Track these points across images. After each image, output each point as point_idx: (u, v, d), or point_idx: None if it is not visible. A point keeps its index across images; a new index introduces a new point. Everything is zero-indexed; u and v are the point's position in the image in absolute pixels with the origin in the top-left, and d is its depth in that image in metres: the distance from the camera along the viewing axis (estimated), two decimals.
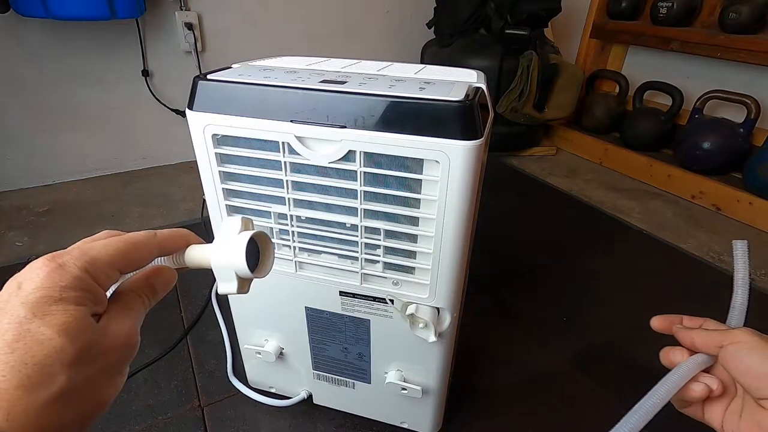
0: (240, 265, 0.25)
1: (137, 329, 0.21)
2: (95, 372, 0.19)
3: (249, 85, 0.40)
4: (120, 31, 1.20)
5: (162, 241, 0.24)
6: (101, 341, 0.19)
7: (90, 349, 0.19)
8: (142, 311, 0.23)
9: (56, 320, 0.18)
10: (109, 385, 0.20)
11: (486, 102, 0.42)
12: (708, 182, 1.27)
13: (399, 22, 1.60)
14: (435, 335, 0.46)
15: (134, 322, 0.21)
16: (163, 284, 0.25)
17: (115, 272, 0.21)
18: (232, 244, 0.25)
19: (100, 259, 0.20)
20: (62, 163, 1.28)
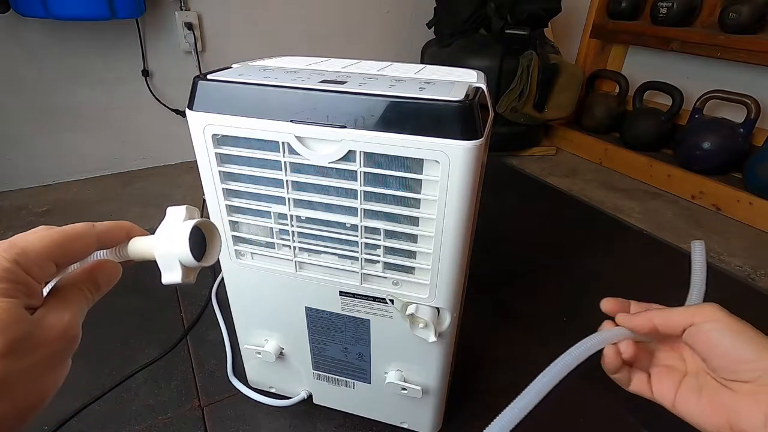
0: (183, 253, 0.24)
1: (77, 322, 0.21)
2: (31, 364, 0.19)
3: (249, 85, 0.40)
4: (120, 31, 1.20)
5: (101, 232, 0.24)
6: (36, 333, 0.19)
7: (23, 341, 0.18)
8: (84, 305, 0.22)
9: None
10: (48, 377, 0.20)
11: (486, 102, 0.42)
12: (708, 182, 1.27)
13: (399, 22, 1.60)
14: (435, 335, 0.46)
15: (73, 314, 0.21)
16: (107, 278, 0.24)
17: (49, 264, 0.21)
18: (174, 233, 0.25)
19: (32, 250, 0.20)
20: (62, 163, 1.28)
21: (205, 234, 0.27)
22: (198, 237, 0.26)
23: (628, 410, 0.64)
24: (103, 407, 0.63)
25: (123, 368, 0.68)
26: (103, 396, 0.64)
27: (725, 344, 0.28)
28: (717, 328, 0.29)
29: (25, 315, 0.19)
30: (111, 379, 0.66)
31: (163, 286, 0.26)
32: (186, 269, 0.25)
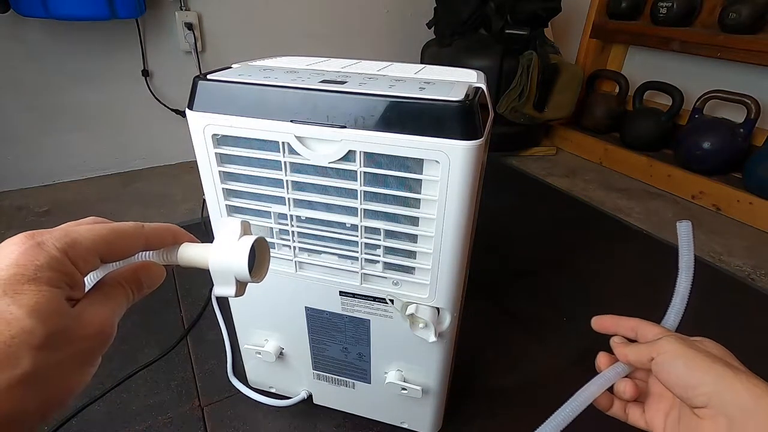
0: (242, 271, 0.25)
1: (114, 320, 0.20)
2: (64, 358, 0.18)
3: (249, 85, 0.40)
4: (120, 31, 1.20)
5: (149, 233, 0.23)
6: (74, 327, 0.18)
7: (61, 333, 0.18)
8: (124, 303, 0.22)
9: (27, 300, 0.17)
10: (78, 373, 0.19)
11: (486, 102, 0.42)
12: (708, 182, 1.27)
13: (399, 22, 1.60)
14: (435, 335, 0.46)
15: (112, 312, 0.21)
16: (150, 280, 0.24)
17: (95, 258, 0.20)
18: (235, 249, 0.25)
19: (82, 243, 0.20)
20: (62, 163, 1.28)
21: (257, 250, 0.27)
22: (251, 253, 0.26)
23: None
24: (103, 407, 0.63)
25: (123, 368, 0.68)
26: (103, 396, 0.64)
27: (677, 373, 0.29)
28: (668, 360, 0.30)
29: (65, 307, 0.18)
30: (111, 379, 0.66)
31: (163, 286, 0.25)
32: (240, 284, 0.26)
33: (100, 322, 0.19)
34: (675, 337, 0.32)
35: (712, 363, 0.28)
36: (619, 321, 0.38)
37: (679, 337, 0.31)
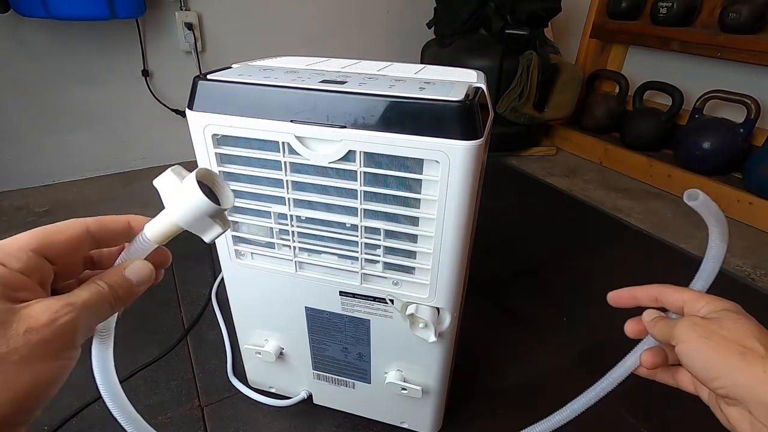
0: (208, 206, 0.24)
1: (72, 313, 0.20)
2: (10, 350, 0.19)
3: (249, 85, 0.40)
4: (120, 31, 1.20)
5: (89, 221, 0.24)
6: (10, 320, 0.19)
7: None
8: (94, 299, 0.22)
9: None
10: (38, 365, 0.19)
11: (486, 102, 0.42)
12: (708, 182, 1.27)
13: (399, 22, 1.60)
14: (435, 335, 0.46)
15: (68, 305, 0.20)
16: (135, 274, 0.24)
17: (28, 254, 0.21)
18: (187, 194, 0.24)
19: (10, 245, 0.21)
20: (62, 163, 1.28)
21: (206, 181, 0.26)
22: (204, 188, 0.25)
23: (628, 410, 0.64)
24: (103, 407, 0.62)
25: (123, 368, 0.68)
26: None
27: (694, 366, 0.29)
28: (685, 351, 0.30)
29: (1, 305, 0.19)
30: None
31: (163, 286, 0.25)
32: (219, 219, 0.25)
33: (47, 315, 0.20)
34: (690, 323, 0.30)
35: (727, 355, 0.28)
36: (637, 291, 0.36)
37: (694, 323, 0.30)
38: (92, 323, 0.23)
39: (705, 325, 0.30)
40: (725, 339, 0.28)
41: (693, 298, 0.33)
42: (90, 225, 0.24)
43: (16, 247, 0.21)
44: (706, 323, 0.30)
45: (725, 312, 0.30)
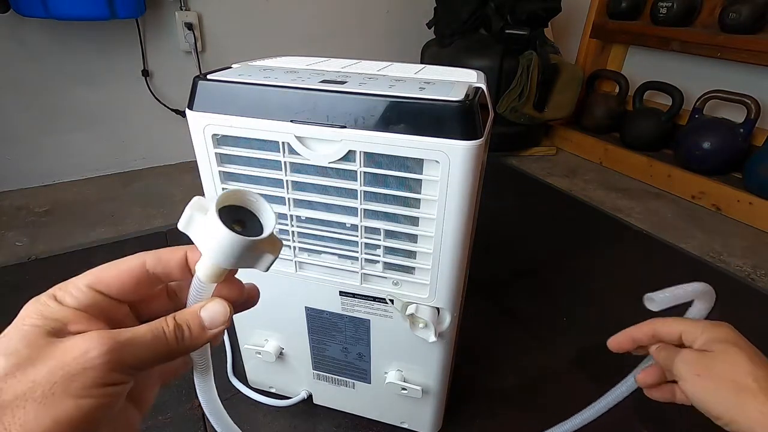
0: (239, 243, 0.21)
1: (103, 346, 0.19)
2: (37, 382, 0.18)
3: (249, 85, 0.40)
4: (120, 31, 1.20)
5: (148, 254, 0.23)
6: (46, 353, 0.18)
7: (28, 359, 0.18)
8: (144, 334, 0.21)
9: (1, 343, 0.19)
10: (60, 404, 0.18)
11: (486, 102, 0.42)
12: (708, 182, 1.27)
13: (399, 22, 1.60)
14: (435, 335, 0.46)
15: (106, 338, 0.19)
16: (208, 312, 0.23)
17: (83, 290, 0.21)
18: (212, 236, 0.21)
19: (65, 283, 0.21)
20: (62, 163, 1.28)
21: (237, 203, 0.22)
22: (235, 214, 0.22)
23: (628, 410, 0.64)
24: None
25: None
26: None
27: (697, 404, 0.31)
28: (685, 389, 0.31)
29: (39, 339, 0.19)
30: None
31: None
32: (265, 246, 0.22)
33: (81, 348, 0.19)
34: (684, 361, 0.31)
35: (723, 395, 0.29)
36: (633, 333, 0.37)
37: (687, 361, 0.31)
38: (139, 362, 0.20)
39: (699, 362, 0.31)
40: (719, 377, 0.29)
41: (688, 329, 0.33)
42: (147, 258, 0.23)
43: (72, 285, 0.21)
44: (700, 359, 0.31)
45: (719, 344, 0.31)
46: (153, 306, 0.24)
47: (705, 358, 0.31)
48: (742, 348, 0.31)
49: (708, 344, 0.31)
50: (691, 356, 0.32)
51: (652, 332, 0.35)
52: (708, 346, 0.31)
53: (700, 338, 0.32)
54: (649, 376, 0.36)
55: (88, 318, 0.20)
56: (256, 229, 0.22)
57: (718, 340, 0.31)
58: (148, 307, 0.24)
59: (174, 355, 0.22)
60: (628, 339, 0.37)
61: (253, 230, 0.22)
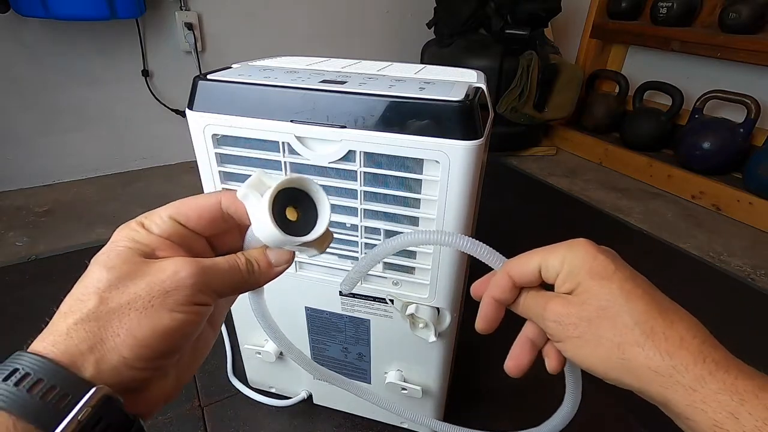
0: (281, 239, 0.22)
1: (190, 270, 0.22)
2: (134, 296, 0.20)
3: (249, 85, 0.40)
4: (120, 31, 1.20)
5: (223, 194, 0.25)
6: (141, 271, 0.21)
7: (126, 275, 0.21)
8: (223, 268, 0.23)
9: (101, 259, 0.21)
10: (158, 315, 0.21)
11: (486, 102, 0.42)
12: (708, 182, 1.27)
13: (399, 22, 1.60)
14: (435, 335, 0.46)
15: (192, 265, 0.22)
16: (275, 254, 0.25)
17: (164, 219, 0.24)
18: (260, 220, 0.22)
19: (151, 214, 0.24)
20: (62, 163, 1.28)
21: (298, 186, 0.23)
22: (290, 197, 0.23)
23: (628, 410, 0.64)
24: None
25: None
26: None
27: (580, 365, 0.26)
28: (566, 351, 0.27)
29: (134, 258, 0.21)
30: None
31: None
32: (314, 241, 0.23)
33: (172, 269, 0.21)
34: (555, 319, 0.25)
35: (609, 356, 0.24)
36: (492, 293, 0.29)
37: (558, 317, 0.25)
38: (220, 287, 0.23)
39: (572, 318, 0.25)
40: (600, 337, 0.24)
41: (545, 261, 0.27)
42: (223, 197, 0.25)
43: (157, 215, 0.24)
44: (572, 313, 0.25)
45: (588, 282, 0.25)
46: (227, 240, 0.27)
47: (578, 310, 0.25)
48: (615, 281, 0.25)
49: (573, 281, 0.25)
50: (560, 310, 0.25)
51: (510, 281, 0.28)
52: (575, 285, 0.25)
53: (563, 272, 0.26)
54: (522, 355, 0.30)
55: (171, 245, 0.23)
56: (311, 218, 0.24)
57: (585, 272, 0.25)
58: (222, 240, 0.26)
59: (246, 285, 0.25)
60: (491, 305, 0.29)
61: (308, 219, 0.24)
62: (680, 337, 0.22)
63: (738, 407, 0.20)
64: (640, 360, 0.23)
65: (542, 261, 0.27)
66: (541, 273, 0.27)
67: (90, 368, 0.19)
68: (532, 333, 0.30)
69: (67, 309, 0.20)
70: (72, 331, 0.19)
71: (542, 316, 0.26)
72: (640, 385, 0.23)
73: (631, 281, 0.25)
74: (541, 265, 0.27)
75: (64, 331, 0.19)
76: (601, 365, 0.24)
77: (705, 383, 0.21)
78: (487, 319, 0.29)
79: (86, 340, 0.19)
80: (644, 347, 0.23)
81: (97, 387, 0.19)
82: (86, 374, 0.19)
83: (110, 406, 0.19)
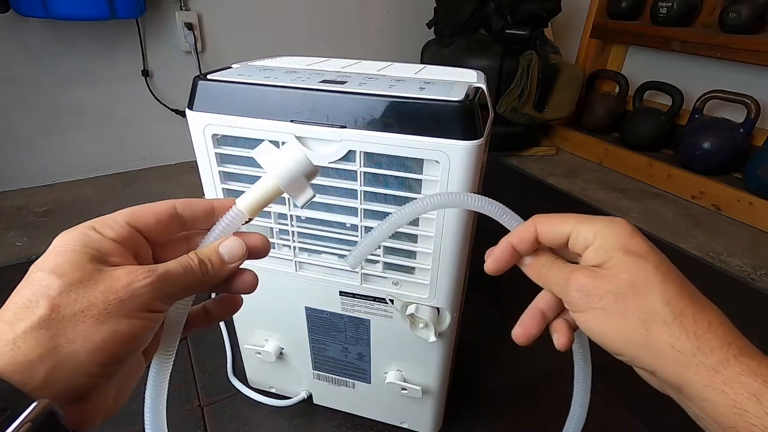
0: (308, 166, 0.25)
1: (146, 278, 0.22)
2: (88, 304, 0.20)
3: (249, 85, 0.40)
4: (120, 31, 1.20)
5: (177, 201, 0.26)
6: (95, 278, 0.21)
7: (78, 282, 0.20)
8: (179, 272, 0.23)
9: (49, 265, 0.21)
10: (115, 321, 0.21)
11: (486, 102, 0.42)
12: (708, 182, 1.27)
13: (399, 22, 1.60)
14: (435, 335, 0.46)
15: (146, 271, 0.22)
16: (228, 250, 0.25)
17: (120, 224, 0.24)
18: (287, 153, 0.25)
19: (105, 217, 0.24)
20: (62, 163, 1.28)
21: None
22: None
23: (628, 410, 0.64)
24: None
25: None
26: None
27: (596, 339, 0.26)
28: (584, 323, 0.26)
29: (86, 265, 0.21)
30: None
31: None
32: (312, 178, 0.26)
33: (127, 278, 0.21)
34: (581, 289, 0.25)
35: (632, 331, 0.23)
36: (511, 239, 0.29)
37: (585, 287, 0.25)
38: (175, 292, 0.23)
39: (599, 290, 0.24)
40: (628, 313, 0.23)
41: (579, 230, 0.26)
42: (177, 204, 0.26)
43: (111, 220, 0.24)
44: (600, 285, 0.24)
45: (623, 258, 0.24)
46: (171, 252, 0.27)
47: (606, 283, 0.24)
48: (651, 261, 0.24)
49: (605, 255, 0.24)
50: (587, 281, 0.25)
51: (534, 234, 0.28)
52: (606, 259, 0.24)
53: (594, 244, 0.25)
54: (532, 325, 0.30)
55: (123, 252, 0.23)
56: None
57: (619, 248, 0.24)
58: (166, 252, 0.26)
59: (202, 286, 0.24)
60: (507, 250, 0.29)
61: None
62: (708, 322, 0.22)
63: (761, 388, 0.20)
64: (664, 338, 0.22)
65: (573, 229, 0.26)
66: (569, 240, 0.26)
67: (38, 378, 0.19)
68: (545, 304, 0.30)
69: (12, 317, 0.19)
70: (20, 340, 0.19)
71: (566, 286, 0.26)
72: (656, 363, 0.23)
73: (666, 264, 0.24)
74: (571, 233, 0.26)
75: (10, 341, 0.19)
76: (620, 340, 0.24)
77: (728, 365, 0.21)
78: (498, 260, 0.30)
79: (36, 348, 0.19)
80: (671, 326, 0.22)
81: (38, 401, 0.18)
82: (33, 384, 0.19)
83: (50, 421, 0.18)
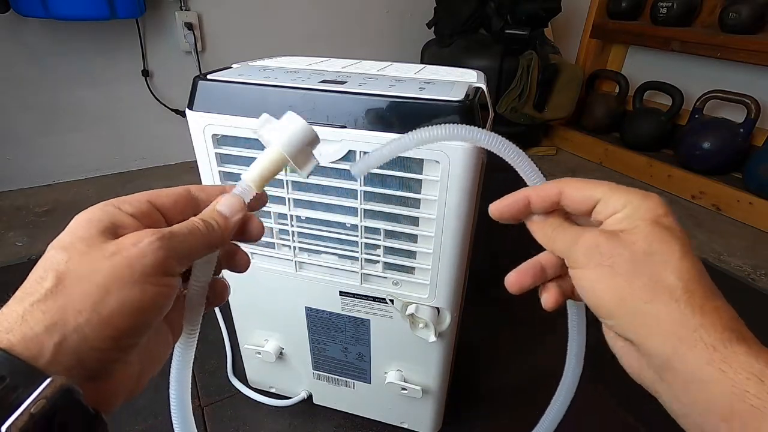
0: (311, 135, 0.26)
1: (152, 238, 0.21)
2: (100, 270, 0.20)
3: (249, 85, 0.40)
4: (120, 31, 1.20)
5: (192, 186, 0.27)
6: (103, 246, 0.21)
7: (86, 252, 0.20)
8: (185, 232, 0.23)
9: (58, 242, 0.21)
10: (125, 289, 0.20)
11: (486, 102, 0.42)
12: (708, 182, 1.27)
13: (399, 22, 1.60)
14: (435, 335, 0.46)
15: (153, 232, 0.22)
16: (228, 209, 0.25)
17: (141, 201, 0.24)
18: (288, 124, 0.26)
19: (128, 196, 0.24)
20: (62, 163, 1.28)
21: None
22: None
23: (628, 410, 0.64)
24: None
25: None
26: None
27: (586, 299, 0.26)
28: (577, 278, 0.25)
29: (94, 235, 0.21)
30: None
31: None
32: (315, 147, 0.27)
33: (133, 239, 0.21)
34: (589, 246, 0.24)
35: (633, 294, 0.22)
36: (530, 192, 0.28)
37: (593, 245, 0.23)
38: (185, 251, 0.23)
39: (610, 247, 0.23)
40: (635, 272, 0.22)
41: (608, 197, 0.24)
42: (191, 187, 0.27)
43: (132, 197, 0.24)
44: (612, 244, 0.23)
45: (646, 224, 0.23)
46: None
47: (622, 244, 0.22)
48: (677, 238, 0.22)
49: (631, 224, 0.23)
50: (601, 239, 0.23)
51: (557, 197, 0.26)
52: (631, 227, 0.23)
53: (622, 212, 0.23)
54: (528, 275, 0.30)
55: (139, 226, 0.23)
56: None
57: (647, 220, 0.23)
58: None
59: (210, 245, 0.24)
60: (521, 202, 0.28)
61: None
62: (716, 307, 0.21)
63: (764, 369, 0.19)
64: (668, 309, 0.21)
65: (605, 195, 0.24)
66: (597, 207, 0.25)
67: (48, 353, 0.18)
68: (547, 261, 0.30)
69: (22, 294, 0.19)
70: (27, 314, 0.18)
71: (573, 244, 0.25)
72: (648, 333, 0.21)
73: (689, 247, 0.23)
74: (601, 199, 0.24)
75: (19, 315, 0.18)
76: (616, 302, 0.22)
77: (729, 345, 0.20)
78: (507, 207, 0.29)
79: (43, 321, 0.18)
80: (679, 301, 0.21)
81: (53, 377, 0.18)
82: (44, 360, 0.18)
83: (67, 398, 0.18)
